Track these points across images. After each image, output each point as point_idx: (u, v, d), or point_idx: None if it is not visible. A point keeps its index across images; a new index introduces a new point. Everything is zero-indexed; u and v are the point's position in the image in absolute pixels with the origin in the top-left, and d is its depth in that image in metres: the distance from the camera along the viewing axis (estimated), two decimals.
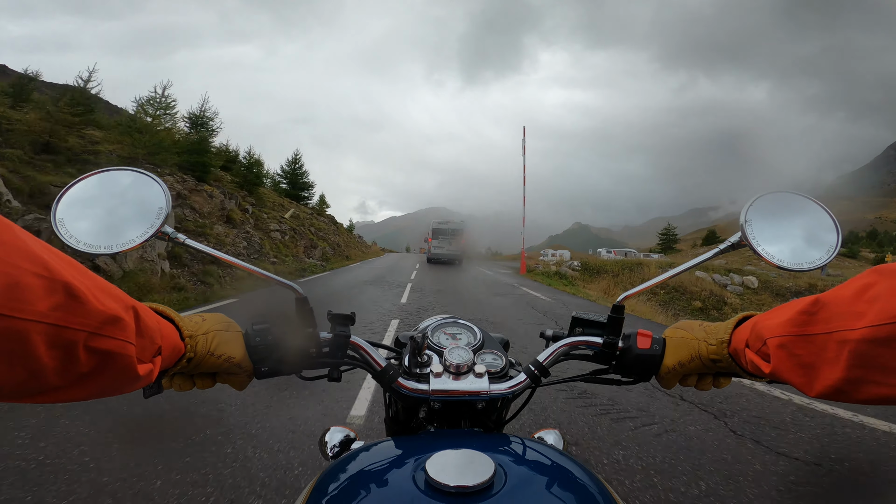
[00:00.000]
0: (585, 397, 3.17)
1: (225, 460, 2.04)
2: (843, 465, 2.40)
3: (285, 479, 1.92)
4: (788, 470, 2.27)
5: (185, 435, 2.25)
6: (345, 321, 0.59)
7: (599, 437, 2.58)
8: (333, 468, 0.51)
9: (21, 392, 0.31)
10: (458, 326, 0.75)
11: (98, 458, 1.97)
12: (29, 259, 0.29)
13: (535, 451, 0.53)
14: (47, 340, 0.30)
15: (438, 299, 8.55)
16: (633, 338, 0.60)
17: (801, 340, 0.41)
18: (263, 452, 2.15)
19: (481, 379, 0.60)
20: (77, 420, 2.33)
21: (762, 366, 0.46)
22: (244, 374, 0.56)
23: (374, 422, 2.62)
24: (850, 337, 0.37)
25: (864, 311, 0.36)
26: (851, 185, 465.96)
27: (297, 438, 2.31)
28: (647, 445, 2.48)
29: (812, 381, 0.41)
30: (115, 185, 0.55)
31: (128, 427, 2.38)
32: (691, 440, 2.59)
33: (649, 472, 2.17)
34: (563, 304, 9.24)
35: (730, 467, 2.26)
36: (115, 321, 0.34)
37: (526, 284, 13.34)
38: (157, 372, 0.42)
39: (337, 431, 0.80)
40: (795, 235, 0.56)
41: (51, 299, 0.30)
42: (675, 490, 2.01)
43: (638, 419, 2.86)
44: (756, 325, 0.48)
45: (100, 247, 0.51)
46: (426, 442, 0.55)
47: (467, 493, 0.41)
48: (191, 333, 0.50)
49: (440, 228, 23.09)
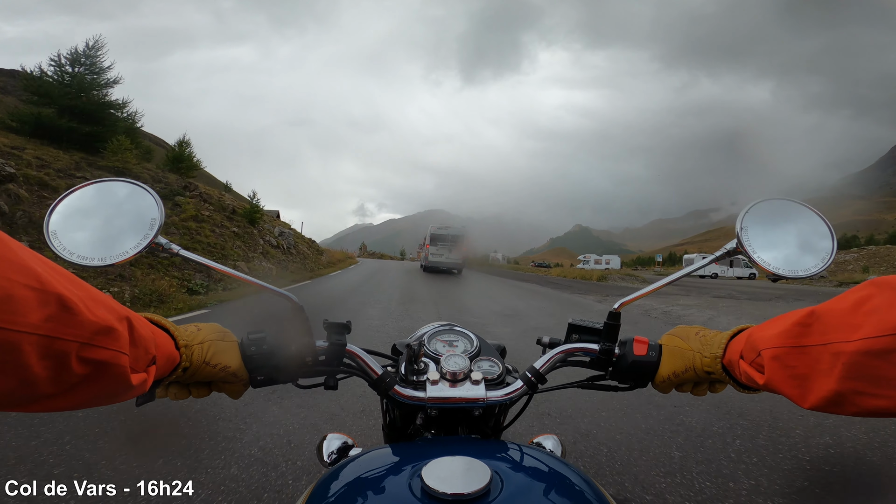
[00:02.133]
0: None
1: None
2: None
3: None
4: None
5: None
6: (341, 330, 0.59)
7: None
8: (330, 475, 0.51)
9: (12, 401, 0.32)
10: (455, 333, 0.75)
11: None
12: (21, 272, 0.30)
13: (532, 458, 0.53)
14: (39, 351, 0.30)
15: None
16: (630, 344, 0.60)
17: (795, 352, 0.41)
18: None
19: (478, 386, 0.60)
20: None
21: (756, 377, 0.46)
22: (240, 383, 0.56)
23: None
24: (845, 349, 0.37)
25: (861, 323, 0.36)
26: (857, 186, 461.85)
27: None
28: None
29: (805, 392, 0.41)
30: (108, 197, 0.55)
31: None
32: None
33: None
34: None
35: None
36: (108, 331, 0.35)
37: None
38: (152, 381, 0.42)
39: (335, 438, 0.80)
40: (791, 243, 0.57)
41: (43, 311, 0.30)
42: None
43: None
44: (751, 336, 0.48)
45: (93, 259, 0.51)
46: (423, 449, 0.55)
47: (463, 500, 0.41)
48: (186, 343, 0.50)
49: (439, 234, 20.94)
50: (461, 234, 20.76)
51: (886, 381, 0.35)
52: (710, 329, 0.59)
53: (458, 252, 20.58)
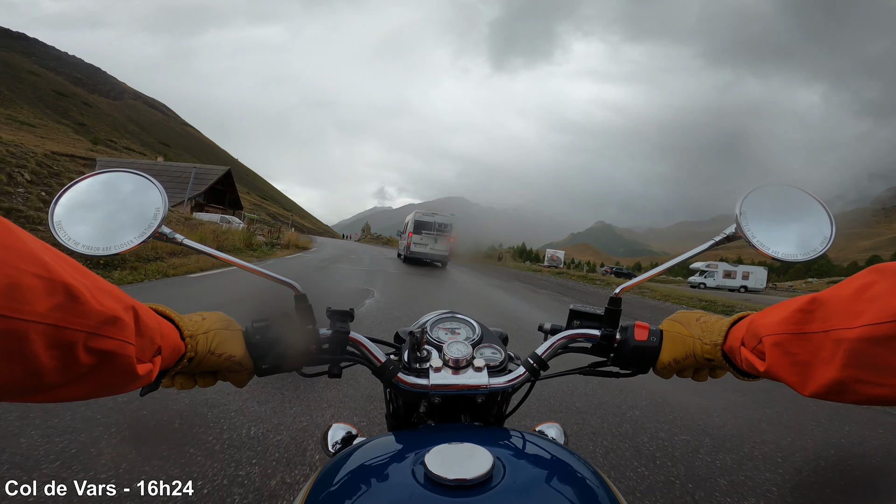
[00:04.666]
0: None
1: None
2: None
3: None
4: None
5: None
6: (344, 317, 0.60)
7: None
8: (334, 463, 0.52)
9: (20, 390, 0.32)
10: (457, 321, 0.75)
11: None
12: (29, 260, 0.30)
13: (534, 445, 0.53)
14: (47, 340, 0.30)
15: None
16: (631, 330, 0.61)
17: (796, 339, 0.41)
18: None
19: (480, 373, 0.61)
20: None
21: (757, 364, 0.46)
22: (245, 371, 0.56)
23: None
24: (846, 336, 0.37)
25: (863, 310, 0.36)
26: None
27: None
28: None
29: (806, 380, 0.41)
30: (112, 188, 0.56)
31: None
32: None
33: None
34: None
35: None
36: (115, 321, 0.35)
37: None
38: (157, 372, 0.42)
39: (339, 428, 0.81)
40: (790, 227, 0.57)
41: (50, 300, 0.30)
42: None
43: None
44: (752, 323, 0.48)
45: (98, 248, 0.52)
46: (425, 436, 0.56)
47: (466, 486, 0.41)
48: (191, 333, 0.51)
49: (424, 221, 18.20)
50: (449, 224, 18.26)
51: (887, 368, 0.35)
52: (712, 315, 0.59)
53: (444, 243, 17.94)
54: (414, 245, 17.89)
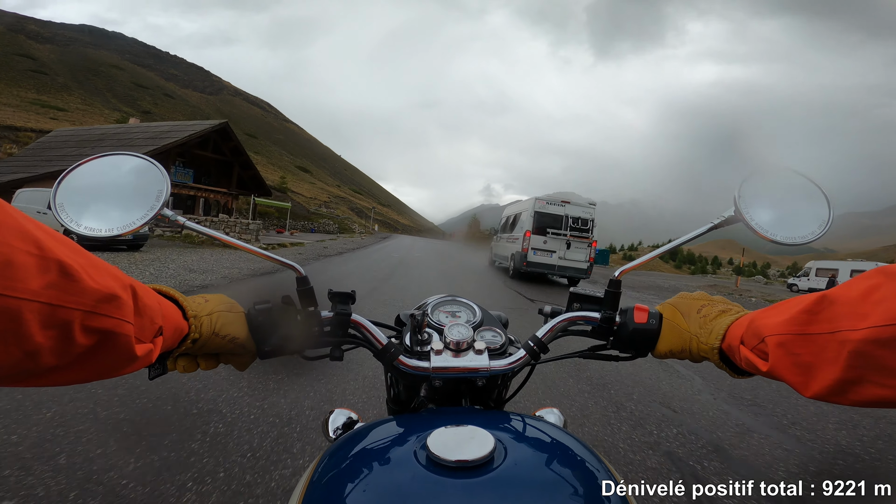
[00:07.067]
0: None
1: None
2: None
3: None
4: None
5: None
6: (345, 299, 0.60)
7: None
8: (336, 446, 0.52)
9: (18, 374, 0.31)
10: (458, 304, 0.76)
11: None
12: (21, 237, 0.29)
13: (534, 428, 0.54)
14: (41, 320, 0.30)
15: None
16: (630, 312, 0.61)
17: (801, 339, 0.41)
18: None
19: (481, 356, 0.61)
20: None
21: (759, 364, 0.46)
22: (248, 354, 0.57)
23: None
24: (851, 337, 0.36)
25: (869, 312, 0.36)
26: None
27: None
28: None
29: (809, 381, 0.41)
30: (115, 170, 0.56)
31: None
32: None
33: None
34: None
35: None
36: (112, 299, 0.34)
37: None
38: (158, 353, 0.42)
39: (340, 414, 0.81)
40: (789, 210, 0.58)
41: (44, 277, 0.30)
42: None
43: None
44: (753, 322, 0.48)
45: (101, 230, 0.52)
46: (427, 419, 0.56)
47: (467, 467, 0.42)
48: (195, 314, 0.50)
49: (550, 213, 11.35)
50: (590, 218, 11.55)
51: (890, 370, 0.35)
52: (714, 306, 0.57)
53: (583, 250, 11.46)
54: (533, 251, 11.25)
